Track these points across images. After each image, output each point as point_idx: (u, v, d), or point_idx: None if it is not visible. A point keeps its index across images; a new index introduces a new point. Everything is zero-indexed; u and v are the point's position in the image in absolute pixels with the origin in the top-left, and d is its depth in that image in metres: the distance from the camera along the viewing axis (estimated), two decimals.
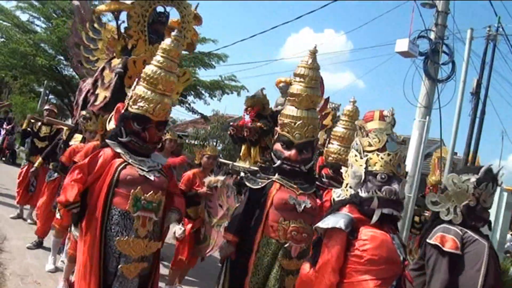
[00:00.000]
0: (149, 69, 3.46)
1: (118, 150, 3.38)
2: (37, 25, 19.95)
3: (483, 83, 12.33)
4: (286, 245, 3.53)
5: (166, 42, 3.52)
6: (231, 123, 8.00)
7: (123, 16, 5.62)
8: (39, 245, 6.42)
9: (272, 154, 3.85)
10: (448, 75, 9.97)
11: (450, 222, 3.23)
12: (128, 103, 3.43)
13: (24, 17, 19.58)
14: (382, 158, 2.74)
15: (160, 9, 5.89)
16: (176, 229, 5.32)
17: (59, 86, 21.35)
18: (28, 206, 8.09)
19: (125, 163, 3.33)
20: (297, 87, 3.80)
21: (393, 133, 2.89)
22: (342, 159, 4.42)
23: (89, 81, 5.90)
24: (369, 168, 2.75)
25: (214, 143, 18.97)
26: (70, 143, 6.00)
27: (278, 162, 3.74)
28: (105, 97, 5.38)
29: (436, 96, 9.70)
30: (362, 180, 2.75)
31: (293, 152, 3.71)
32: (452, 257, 3.06)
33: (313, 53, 3.83)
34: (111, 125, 3.60)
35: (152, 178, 3.35)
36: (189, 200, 5.17)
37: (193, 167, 5.75)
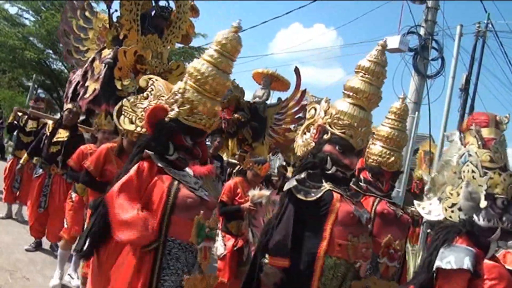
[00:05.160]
0: (200, 64, 2.75)
1: (160, 164, 2.68)
2: (26, 18, 19.73)
3: (472, 79, 12.43)
4: (357, 265, 2.97)
5: (223, 34, 2.77)
6: None
7: (116, 5, 5.39)
8: (38, 246, 6.12)
9: (323, 156, 3.09)
10: (438, 70, 10.06)
11: None
12: (178, 112, 2.68)
13: (12, 10, 19.40)
14: (504, 180, 2.28)
15: (163, 3, 5.70)
16: (217, 246, 4.74)
17: (48, 80, 21.20)
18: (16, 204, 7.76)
19: (176, 181, 2.64)
20: (367, 85, 3.16)
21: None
22: (385, 163, 3.95)
23: (79, 72, 5.68)
24: (489, 190, 2.27)
25: None
26: (54, 138, 5.77)
27: (333, 169, 3.07)
28: (95, 89, 5.12)
29: (425, 92, 9.81)
30: (480, 204, 2.26)
31: (354, 160, 3.14)
32: None
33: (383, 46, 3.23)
34: (127, 125, 2.84)
35: (207, 198, 2.71)
36: (230, 214, 4.73)
37: None
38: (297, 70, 7.12)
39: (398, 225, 3.83)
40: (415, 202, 2.97)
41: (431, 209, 2.66)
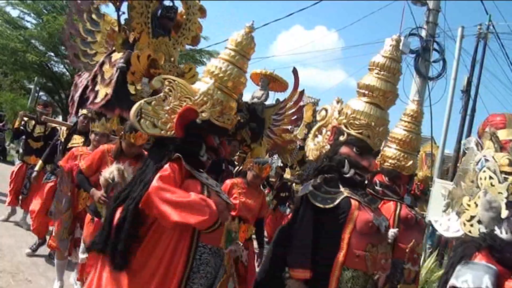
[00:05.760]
0: (221, 63, 2.77)
1: (187, 167, 2.62)
2: (28, 21, 19.79)
3: (474, 80, 12.45)
4: (376, 277, 2.75)
5: (240, 33, 2.84)
6: None
7: (124, 7, 5.24)
8: (40, 245, 6.09)
9: (340, 159, 2.92)
10: (439, 72, 10.12)
11: None
12: (210, 113, 2.64)
13: (14, 13, 19.46)
14: None
15: (168, 3, 5.57)
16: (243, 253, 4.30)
17: (50, 83, 21.27)
18: (21, 210, 7.57)
19: (206, 187, 2.61)
20: (383, 83, 3.00)
21: None
22: (401, 166, 3.85)
23: (86, 76, 5.56)
24: (511, 198, 2.02)
25: None
26: (69, 144, 5.64)
27: (351, 172, 2.88)
28: (106, 94, 4.98)
29: (427, 94, 9.86)
30: (501, 215, 2.01)
31: (372, 161, 2.95)
32: None
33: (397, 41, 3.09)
34: (151, 129, 2.66)
35: (230, 202, 2.69)
36: None
37: None
38: (295, 71, 7.12)
39: (417, 229, 3.83)
40: (432, 219, 2.84)
41: (449, 225, 2.41)
